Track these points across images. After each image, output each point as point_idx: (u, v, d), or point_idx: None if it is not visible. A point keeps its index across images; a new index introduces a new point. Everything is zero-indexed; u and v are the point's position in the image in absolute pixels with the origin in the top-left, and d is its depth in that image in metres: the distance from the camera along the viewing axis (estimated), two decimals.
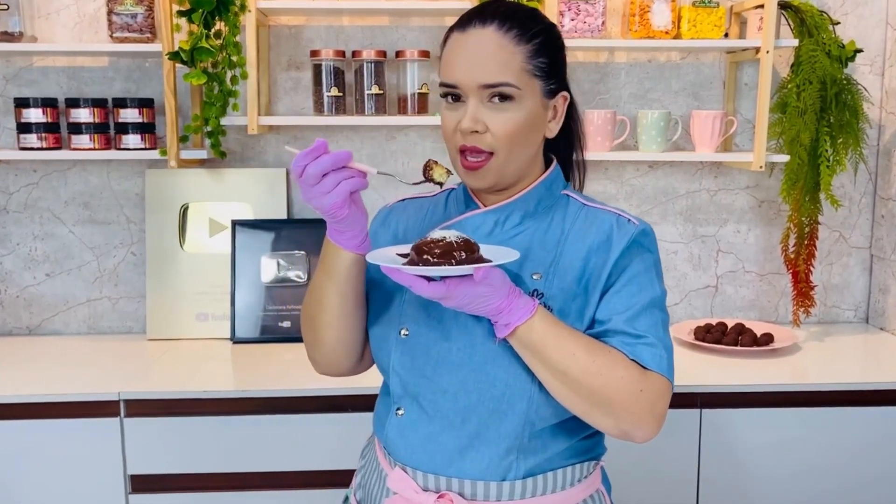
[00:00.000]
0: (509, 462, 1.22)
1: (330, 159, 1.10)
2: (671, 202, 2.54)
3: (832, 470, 2.07)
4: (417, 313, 1.25)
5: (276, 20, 2.42)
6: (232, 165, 2.46)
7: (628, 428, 1.16)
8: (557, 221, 1.27)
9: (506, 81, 1.17)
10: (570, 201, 1.30)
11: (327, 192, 1.11)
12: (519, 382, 1.19)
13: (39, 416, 1.95)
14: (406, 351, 1.25)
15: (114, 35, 2.24)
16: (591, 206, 1.28)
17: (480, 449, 1.21)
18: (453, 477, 1.22)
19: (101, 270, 2.50)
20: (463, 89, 1.18)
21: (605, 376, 1.14)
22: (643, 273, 1.23)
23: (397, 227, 1.37)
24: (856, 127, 2.32)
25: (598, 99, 2.49)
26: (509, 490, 1.22)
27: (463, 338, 1.21)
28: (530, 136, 1.22)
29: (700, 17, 2.25)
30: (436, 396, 1.22)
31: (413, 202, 1.41)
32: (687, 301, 2.60)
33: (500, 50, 1.17)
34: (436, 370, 1.22)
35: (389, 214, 1.40)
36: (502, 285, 1.11)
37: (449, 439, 1.22)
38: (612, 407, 1.15)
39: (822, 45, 2.28)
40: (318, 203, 1.13)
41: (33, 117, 2.25)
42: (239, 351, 2.32)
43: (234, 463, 1.99)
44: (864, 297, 2.62)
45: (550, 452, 1.24)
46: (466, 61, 1.18)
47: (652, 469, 2.04)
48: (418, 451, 1.24)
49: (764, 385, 2.04)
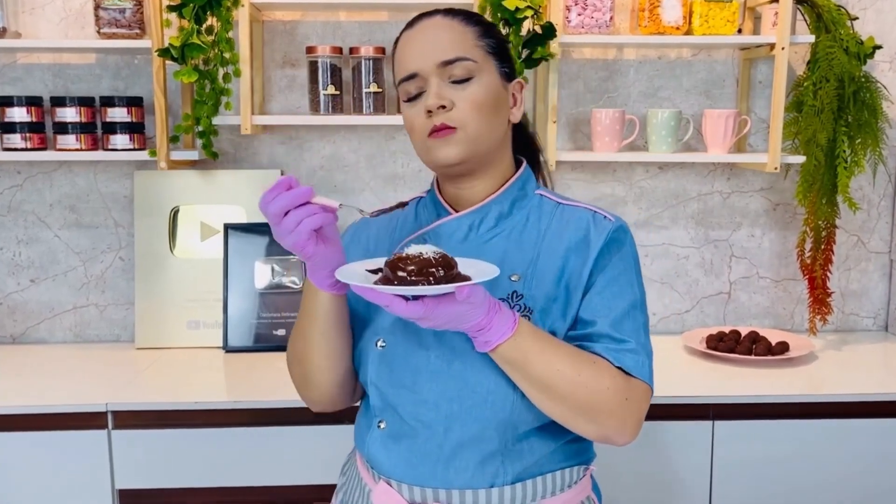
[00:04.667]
0: (495, 468, 1.24)
1: (288, 197, 1.11)
2: (682, 205, 2.55)
3: (850, 483, 2.07)
4: (393, 324, 1.27)
5: (271, 15, 2.43)
6: (224, 167, 2.47)
7: (611, 434, 1.21)
8: (533, 222, 1.31)
9: (462, 55, 1.24)
10: (543, 200, 1.33)
11: (290, 230, 1.12)
12: (500, 387, 1.21)
13: (23, 427, 1.96)
14: (384, 362, 1.26)
15: (101, 31, 2.25)
16: (566, 204, 1.32)
17: (464, 457, 1.23)
18: (440, 487, 1.24)
19: (88, 276, 2.50)
20: (422, 74, 1.24)
21: (590, 388, 1.17)
22: (623, 273, 1.26)
23: (368, 241, 1.39)
24: (875, 126, 2.33)
25: (606, 97, 2.50)
26: (498, 497, 1.24)
27: (440, 346, 1.23)
28: (495, 113, 1.26)
29: (712, 13, 2.26)
30: (416, 407, 1.24)
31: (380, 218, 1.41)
32: (699, 308, 2.60)
33: (450, 30, 1.26)
34: (415, 380, 1.24)
35: (358, 229, 1.42)
36: (483, 302, 1.11)
37: (432, 449, 1.24)
38: (597, 416, 1.19)
39: (839, 41, 2.28)
40: (284, 242, 1.14)
41: (17, 116, 2.26)
42: (231, 360, 2.33)
43: (226, 477, 1.99)
44: (884, 304, 2.63)
45: (537, 456, 1.26)
46: (420, 47, 1.25)
47: (663, 483, 2.04)
48: (402, 464, 1.25)
49: (779, 396, 2.04)
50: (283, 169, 2.48)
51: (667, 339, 2.50)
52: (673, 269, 2.58)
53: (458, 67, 1.23)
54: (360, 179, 2.48)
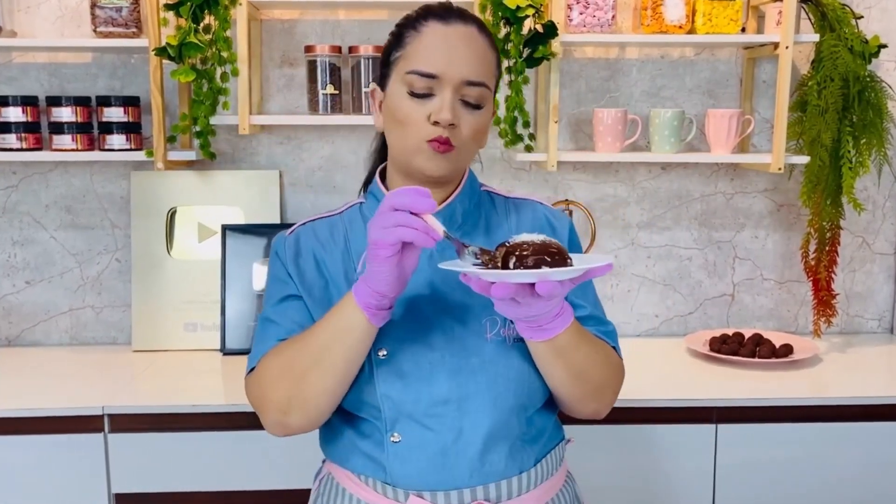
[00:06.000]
0: (521, 453, 1.28)
1: (409, 197, 1.09)
2: (685, 206, 2.55)
3: (855, 488, 2.07)
4: (392, 329, 1.24)
5: (269, 14, 2.43)
6: (222, 167, 2.47)
7: (603, 410, 1.33)
8: (495, 216, 1.36)
9: (485, 82, 1.25)
10: (492, 196, 1.40)
11: (384, 226, 1.10)
12: (513, 373, 1.25)
13: (19, 431, 1.96)
14: (391, 371, 1.24)
15: (97, 29, 2.25)
16: (514, 198, 1.40)
17: (496, 449, 1.25)
18: (477, 485, 1.24)
19: (84, 278, 2.51)
20: (443, 80, 1.22)
21: (608, 370, 1.29)
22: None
23: (315, 251, 1.33)
24: (880, 126, 2.33)
25: (608, 97, 2.50)
26: (527, 481, 1.28)
27: (451, 345, 1.25)
28: (482, 140, 1.31)
29: (716, 11, 2.26)
30: (436, 409, 1.23)
31: (319, 223, 1.37)
32: (702, 310, 2.60)
33: (483, 50, 1.26)
34: (431, 383, 1.23)
35: (299, 240, 1.34)
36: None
37: (464, 448, 1.23)
38: (605, 394, 1.31)
39: (844, 40, 2.29)
40: (372, 234, 1.12)
41: (12, 116, 2.25)
42: (229, 363, 2.33)
43: (224, 481, 1.99)
44: (889, 306, 2.63)
45: (545, 434, 1.32)
46: (450, 54, 1.23)
47: (665, 487, 2.04)
48: (432, 472, 1.24)
49: (783, 399, 2.04)
50: (282, 169, 2.48)
51: (670, 342, 2.50)
52: (676, 271, 2.58)
53: (476, 91, 1.24)
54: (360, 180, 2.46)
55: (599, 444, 1.99)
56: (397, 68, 1.26)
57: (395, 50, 1.27)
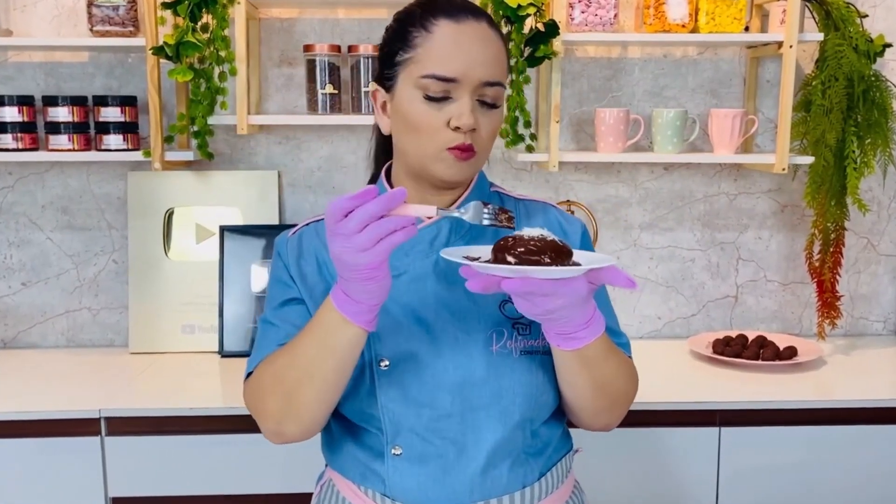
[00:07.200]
0: (524, 467, 1.25)
1: (377, 205, 1.00)
2: (688, 207, 2.55)
3: (860, 491, 2.07)
4: (394, 339, 1.22)
5: (267, 13, 2.43)
6: (220, 167, 2.47)
7: (614, 423, 1.31)
8: None
9: (501, 81, 1.22)
10: (502, 196, 1.38)
11: (365, 248, 1.01)
12: (520, 387, 1.22)
13: (14, 434, 1.96)
14: (392, 382, 1.22)
15: (94, 28, 2.25)
16: (525, 199, 1.38)
17: (498, 464, 1.23)
18: (478, 501, 1.23)
19: (81, 279, 2.51)
20: (462, 84, 1.18)
21: (629, 383, 1.28)
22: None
23: (317, 252, 1.30)
24: (885, 126, 2.33)
25: (609, 97, 2.50)
26: (530, 496, 1.26)
27: (455, 355, 1.21)
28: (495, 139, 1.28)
29: (719, 10, 2.26)
30: (439, 423, 1.21)
31: (322, 223, 1.29)
32: (705, 312, 2.60)
33: (498, 48, 1.23)
34: (433, 395, 1.21)
35: (302, 240, 1.32)
36: (590, 295, 1.10)
37: (466, 464, 1.22)
38: (621, 407, 1.29)
39: (848, 39, 2.28)
40: (351, 259, 1.03)
41: (8, 116, 2.25)
42: (227, 365, 2.33)
43: (222, 484, 1.99)
44: (894, 308, 2.63)
45: (550, 446, 1.30)
46: (468, 56, 1.18)
47: (668, 491, 2.04)
48: (433, 487, 1.22)
49: (787, 401, 2.04)
50: (281, 170, 2.48)
51: (672, 344, 2.50)
52: (679, 272, 2.58)
53: (493, 90, 1.20)
54: (360, 180, 2.48)
55: (601, 447, 1.99)
56: (407, 71, 1.19)
57: (402, 51, 1.20)
